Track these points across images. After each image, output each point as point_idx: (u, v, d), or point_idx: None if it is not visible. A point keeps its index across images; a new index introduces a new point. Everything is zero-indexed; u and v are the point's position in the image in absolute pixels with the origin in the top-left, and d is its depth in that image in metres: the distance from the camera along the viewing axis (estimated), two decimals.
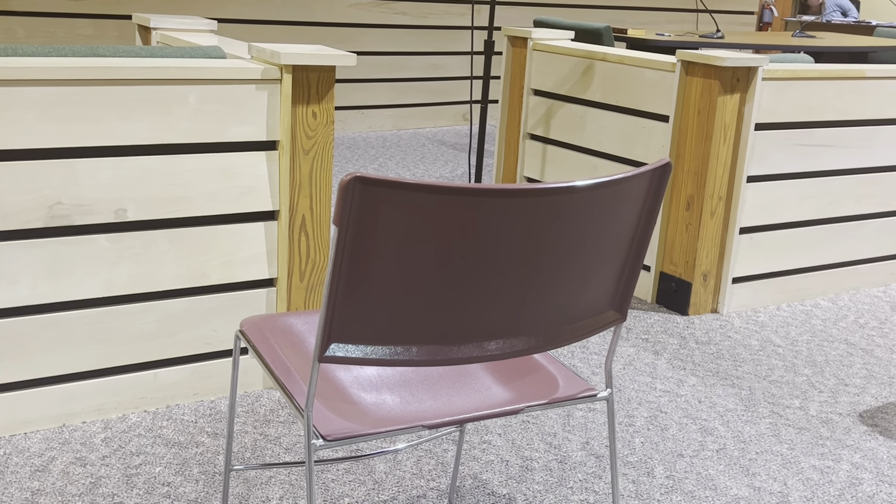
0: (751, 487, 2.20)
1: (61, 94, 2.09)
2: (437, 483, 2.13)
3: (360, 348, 1.34)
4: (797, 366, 2.90)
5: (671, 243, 3.29)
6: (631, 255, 1.49)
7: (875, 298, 3.59)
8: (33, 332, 2.19)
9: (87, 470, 2.10)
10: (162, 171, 2.24)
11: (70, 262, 2.19)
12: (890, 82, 3.43)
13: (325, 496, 2.06)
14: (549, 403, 1.53)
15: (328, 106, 2.36)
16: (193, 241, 2.32)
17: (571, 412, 2.50)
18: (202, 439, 2.26)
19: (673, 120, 3.20)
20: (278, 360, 1.57)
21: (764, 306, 3.42)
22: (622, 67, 3.40)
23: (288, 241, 2.41)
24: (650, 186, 1.44)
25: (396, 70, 6.31)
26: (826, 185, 3.42)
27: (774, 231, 3.36)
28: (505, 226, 1.30)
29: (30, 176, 2.10)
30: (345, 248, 1.26)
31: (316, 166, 2.39)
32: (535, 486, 2.15)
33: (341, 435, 1.38)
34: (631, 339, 3.02)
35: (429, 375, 1.64)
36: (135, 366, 2.35)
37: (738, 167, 3.18)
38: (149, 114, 2.19)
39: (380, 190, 1.23)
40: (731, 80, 3.06)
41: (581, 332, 1.50)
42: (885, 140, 3.50)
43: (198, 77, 2.22)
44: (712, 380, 2.76)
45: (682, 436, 2.42)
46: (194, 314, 2.38)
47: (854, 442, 2.44)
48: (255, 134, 2.33)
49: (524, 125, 3.87)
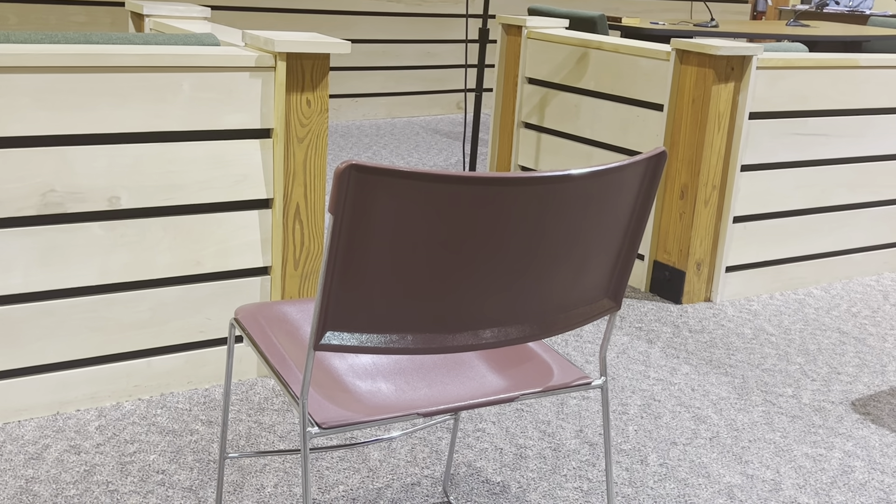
0: (743, 475, 2.21)
1: (54, 81, 2.08)
2: (431, 471, 2.14)
3: (355, 336, 1.34)
4: (790, 354, 2.91)
5: (665, 232, 3.30)
6: (625, 244, 1.50)
7: (868, 287, 3.60)
8: (27, 320, 2.19)
9: (81, 458, 2.10)
10: (156, 159, 2.24)
11: (63, 249, 2.18)
12: (884, 71, 3.43)
13: (319, 484, 2.06)
14: (544, 391, 1.53)
15: (322, 94, 2.36)
16: (187, 229, 2.32)
17: (565, 400, 2.51)
18: (196, 427, 2.26)
19: (667, 109, 3.20)
20: (273, 349, 1.57)
21: (757, 295, 3.43)
22: (617, 56, 3.39)
23: (282, 229, 2.41)
24: (645, 175, 1.44)
25: (390, 58, 6.29)
26: (819, 175, 3.43)
27: (768, 220, 3.36)
28: (500, 214, 1.30)
29: (23, 163, 2.09)
30: (340, 236, 1.26)
31: (310, 154, 2.39)
32: (528, 473, 2.16)
33: (336, 423, 1.38)
34: (625, 327, 3.03)
35: (423, 364, 1.64)
36: (129, 354, 2.35)
37: (731, 156, 3.18)
38: (142, 101, 2.18)
39: (375, 178, 1.22)
40: (725, 69, 3.06)
41: (575, 321, 1.50)
42: (878, 129, 3.51)
43: (191, 64, 2.21)
44: (706, 368, 2.77)
45: (675, 424, 2.42)
46: (188, 302, 2.38)
47: (846, 430, 2.45)
48: (249, 122, 2.32)
49: (518, 114, 3.87)
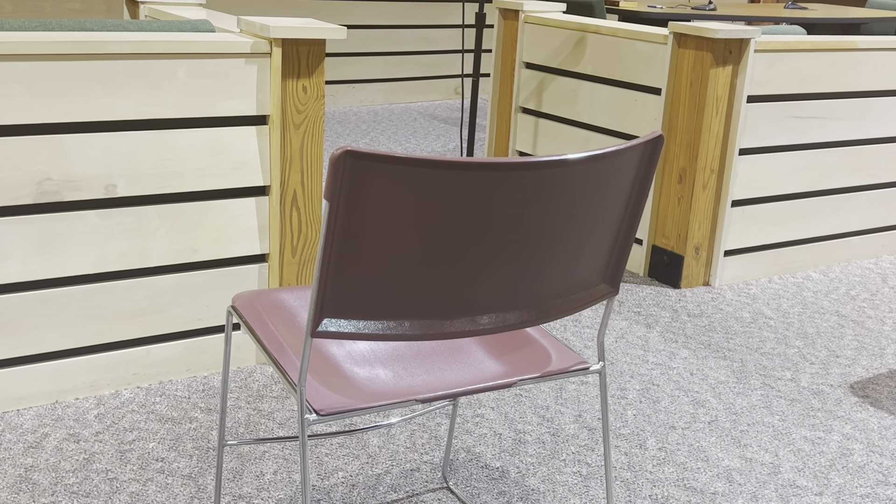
0: (742, 459, 2.21)
1: (49, 68, 2.07)
2: (430, 456, 2.14)
3: (353, 323, 1.34)
4: (788, 338, 2.91)
5: (663, 216, 3.29)
6: (623, 228, 1.49)
7: (866, 270, 3.60)
8: (24, 309, 2.19)
9: (80, 446, 2.10)
10: (151, 147, 2.23)
11: (60, 238, 2.18)
12: (882, 54, 3.42)
13: (318, 470, 2.06)
14: (542, 377, 1.53)
15: (318, 80, 2.35)
16: (184, 216, 2.31)
17: (564, 385, 2.51)
18: (195, 415, 2.26)
19: (665, 92, 3.19)
20: (271, 336, 1.57)
21: (756, 279, 3.42)
22: (614, 40, 3.38)
23: (279, 217, 2.41)
24: (642, 159, 1.43)
25: (387, 44, 6.27)
26: (818, 158, 3.42)
27: (766, 204, 3.36)
28: (497, 199, 1.30)
29: (18, 152, 2.08)
30: (336, 223, 1.25)
31: (307, 141, 2.38)
32: (527, 458, 2.16)
33: (334, 409, 1.38)
34: (623, 312, 3.03)
35: (421, 350, 1.64)
36: (127, 342, 2.34)
37: (730, 140, 3.18)
38: (137, 88, 2.17)
39: (371, 164, 1.22)
40: (723, 53, 3.05)
41: (573, 306, 1.50)
42: (876, 112, 3.50)
43: (186, 51, 2.20)
44: (704, 352, 2.77)
45: (674, 408, 2.43)
46: (186, 290, 2.37)
47: (845, 413, 2.46)
48: (245, 108, 2.31)
49: (516, 99, 3.86)
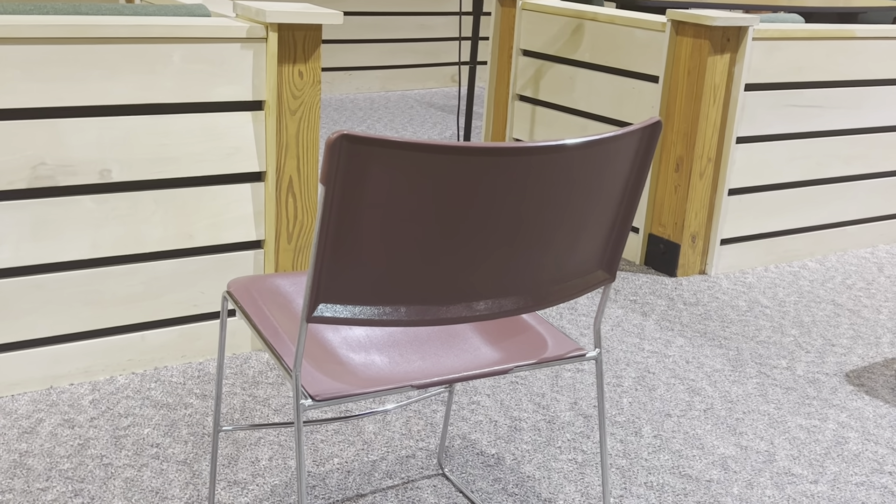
0: (738, 446, 2.21)
1: (43, 52, 2.05)
2: (426, 443, 2.14)
3: (349, 308, 1.33)
4: (784, 326, 2.91)
5: (660, 205, 3.29)
6: (620, 215, 1.49)
7: (862, 259, 3.60)
8: (18, 294, 2.18)
9: (75, 432, 2.10)
10: (147, 132, 2.22)
11: (55, 223, 2.17)
12: (880, 42, 3.41)
13: (314, 456, 2.06)
14: (538, 363, 1.53)
15: (315, 65, 2.34)
16: (180, 202, 2.31)
17: (560, 372, 2.51)
18: (191, 401, 2.26)
19: (663, 80, 3.18)
20: (266, 321, 1.56)
21: (752, 267, 3.42)
22: (612, 27, 3.37)
23: (275, 202, 2.40)
24: (640, 145, 1.43)
25: (384, 31, 6.25)
26: (815, 146, 3.42)
27: (763, 192, 3.36)
28: (494, 185, 1.29)
29: (13, 136, 2.07)
30: (332, 208, 1.24)
31: (303, 127, 2.37)
32: (523, 445, 2.16)
33: (330, 395, 1.38)
34: (619, 300, 3.03)
35: (417, 336, 1.64)
36: (122, 328, 2.34)
37: (727, 128, 3.17)
38: (133, 73, 2.16)
39: (367, 148, 1.21)
40: (721, 40, 3.04)
41: (570, 293, 1.49)
42: (874, 101, 3.49)
43: (182, 35, 2.18)
44: (700, 340, 2.77)
45: (669, 396, 2.43)
46: (181, 276, 2.37)
47: (840, 401, 2.46)
48: (240, 94, 2.30)
49: (513, 86, 3.84)
